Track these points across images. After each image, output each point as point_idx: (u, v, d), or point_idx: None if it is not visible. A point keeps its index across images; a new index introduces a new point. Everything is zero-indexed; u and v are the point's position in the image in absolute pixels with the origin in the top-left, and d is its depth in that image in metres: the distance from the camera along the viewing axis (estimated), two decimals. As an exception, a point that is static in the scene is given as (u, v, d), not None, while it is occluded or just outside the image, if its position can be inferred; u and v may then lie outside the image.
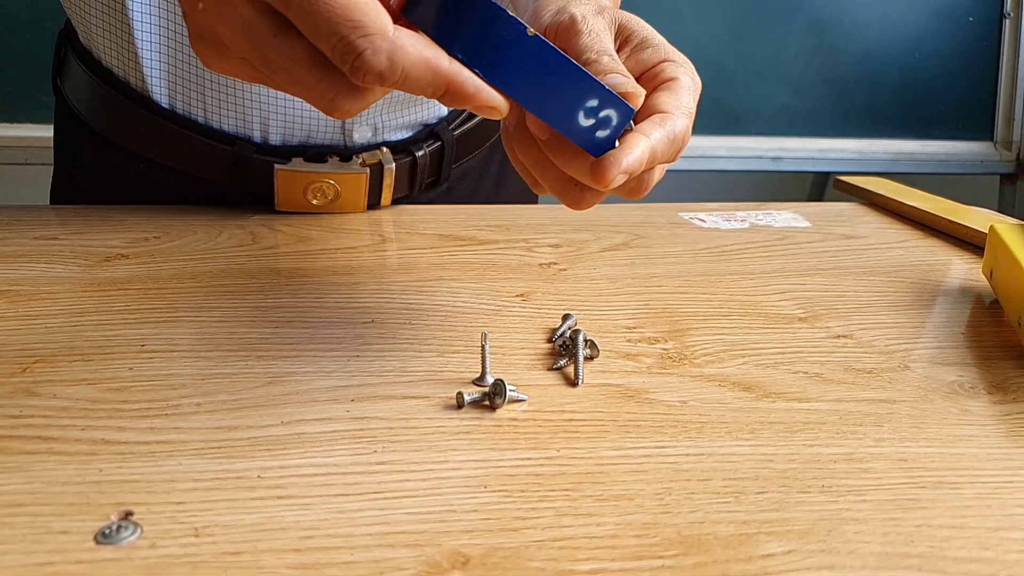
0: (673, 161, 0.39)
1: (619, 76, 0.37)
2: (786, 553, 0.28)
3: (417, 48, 0.31)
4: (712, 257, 0.58)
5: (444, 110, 0.70)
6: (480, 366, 0.39)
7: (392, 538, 0.28)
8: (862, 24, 1.56)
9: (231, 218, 0.62)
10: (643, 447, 0.34)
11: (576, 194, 0.39)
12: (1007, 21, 1.58)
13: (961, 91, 1.60)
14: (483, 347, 0.39)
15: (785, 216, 0.69)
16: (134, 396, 0.36)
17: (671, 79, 0.40)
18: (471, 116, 0.71)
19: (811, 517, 0.30)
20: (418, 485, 0.31)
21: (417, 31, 0.32)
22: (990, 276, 0.52)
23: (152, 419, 0.34)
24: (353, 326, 0.44)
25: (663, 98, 0.39)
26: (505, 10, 0.32)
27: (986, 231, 0.53)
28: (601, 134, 0.35)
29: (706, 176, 1.51)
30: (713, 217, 0.68)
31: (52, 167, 0.73)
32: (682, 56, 0.41)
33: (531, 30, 0.32)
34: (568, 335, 0.43)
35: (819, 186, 1.99)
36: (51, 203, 0.73)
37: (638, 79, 0.41)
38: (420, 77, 0.31)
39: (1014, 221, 0.56)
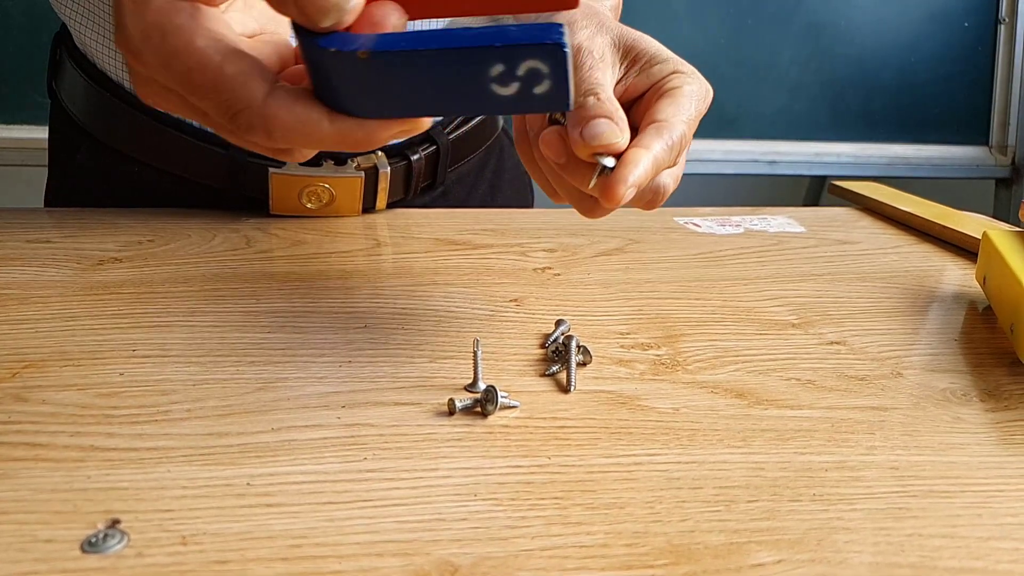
0: (673, 166, 0.40)
1: (600, 122, 0.37)
2: (776, 563, 0.28)
3: (294, 112, 0.30)
4: (706, 262, 0.58)
5: (439, 113, 0.70)
6: (472, 372, 0.39)
7: (381, 547, 0.28)
8: (858, 28, 1.56)
9: (225, 222, 0.62)
10: (634, 455, 0.34)
11: (591, 204, 0.41)
12: (1002, 26, 1.58)
13: (956, 95, 1.60)
14: (475, 353, 0.38)
15: (780, 221, 0.69)
16: (124, 402, 0.36)
17: (673, 88, 0.40)
18: (467, 120, 0.71)
19: (802, 526, 0.30)
20: (408, 493, 0.31)
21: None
22: (983, 282, 0.52)
23: (142, 425, 0.34)
24: (346, 331, 0.44)
25: (662, 106, 0.39)
26: (325, 47, 0.29)
27: (980, 237, 0.53)
28: (541, 89, 0.29)
29: (702, 179, 1.51)
30: (708, 222, 0.68)
31: (47, 169, 0.73)
32: (692, 69, 0.42)
33: (363, 52, 0.29)
34: (561, 341, 0.43)
35: (815, 190, 1.99)
36: (46, 205, 0.73)
37: (644, 94, 0.41)
38: (303, 141, 0.31)
39: (1008, 227, 0.56)
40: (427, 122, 0.33)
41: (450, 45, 0.28)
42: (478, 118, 0.72)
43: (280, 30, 0.36)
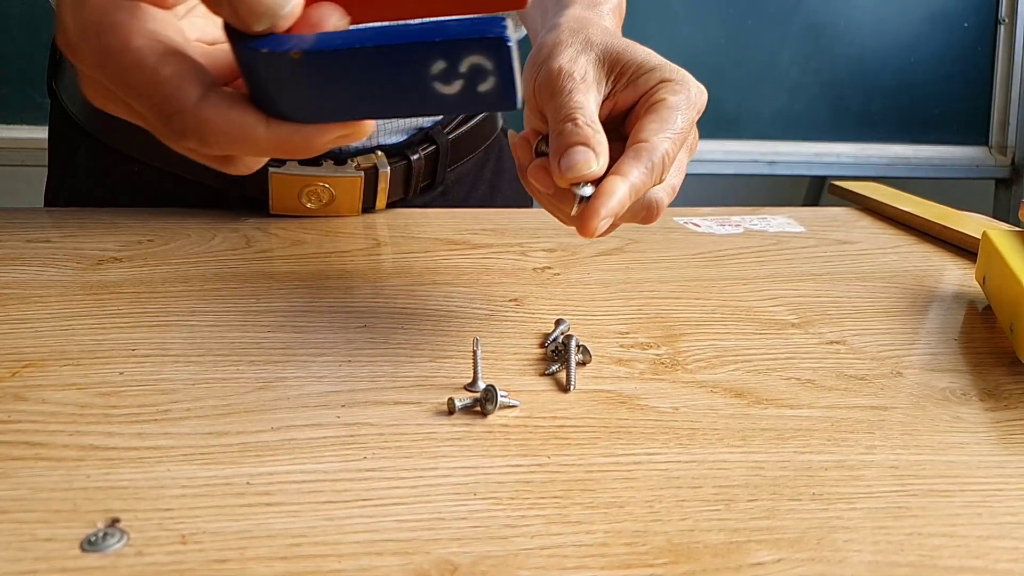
0: (660, 183, 0.39)
1: (575, 152, 0.37)
2: (776, 562, 0.28)
3: (228, 117, 0.29)
4: (706, 262, 0.58)
5: (439, 113, 0.70)
6: (472, 371, 0.39)
7: (380, 546, 0.28)
8: (858, 28, 1.56)
9: (225, 221, 0.62)
10: (634, 454, 0.34)
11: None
12: (1002, 26, 1.58)
13: (956, 96, 1.60)
14: (475, 352, 0.38)
15: (779, 221, 0.69)
16: (124, 401, 0.36)
17: (657, 102, 0.40)
18: (466, 120, 0.71)
19: (801, 525, 0.30)
20: (407, 492, 0.31)
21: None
22: (983, 282, 0.52)
23: (142, 424, 0.34)
24: (345, 331, 0.44)
25: (646, 123, 0.39)
26: (256, 48, 0.28)
27: (979, 237, 0.53)
28: (486, 87, 0.28)
29: (701, 180, 1.51)
30: (708, 222, 0.68)
31: (47, 168, 0.73)
32: (681, 73, 0.41)
33: (295, 53, 0.28)
34: (561, 340, 0.43)
35: (815, 190, 1.99)
36: (45, 205, 0.73)
37: (635, 105, 0.41)
38: (239, 147, 0.30)
39: (1007, 227, 0.56)
40: (370, 126, 0.31)
41: (388, 42, 0.27)
42: (478, 117, 0.72)
43: None
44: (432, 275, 0.53)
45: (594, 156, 0.37)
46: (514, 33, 0.28)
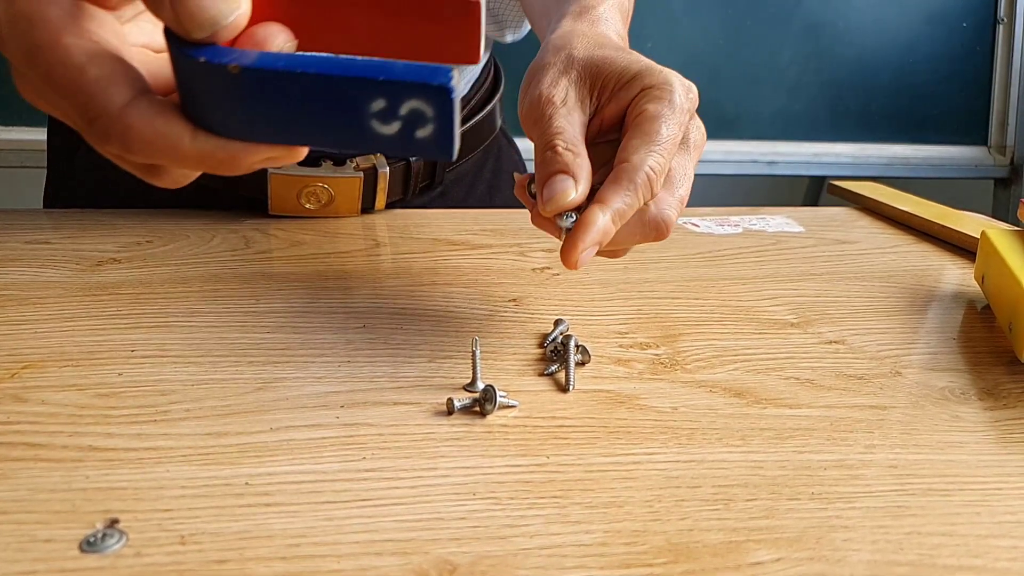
0: (652, 198, 0.38)
1: (554, 182, 0.36)
2: (775, 561, 0.28)
3: (153, 125, 0.28)
4: (705, 262, 0.58)
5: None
6: (471, 372, 0.39)
7: (379, 546, 0.28)
8: (857, 29, 1.56)
9: (224, 222, 0.62)
10: (633, 454, 0.34)
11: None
12: (1001, 26, 1.58)
13: (955, 95, 1.60)
14: (474, 353, 0.38)
15: (779, 221, 0.69)
16: (123, 402, 0.36)
17: (639, 114, 0.38)
18: (466, 119, 0.71)
19: (800, 525, 0.30)
20: (406, 492, 0.31)
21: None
22: (982, 282, 0.52)
23: (141, 425, 0.34)
24: (345, 331, 0.44)
25: (627, 141, 0.38)
26: (194, 56, 0.27)
27: (978, 236, 0.53)
28: (423, 133, 0.28)
29: (700, 180, 1.51)
30: (707, 222, 0.68)
31: (46, 170, 0.73)
32: (663, 76, 0.39)
33: (233, 66, 0.27)
34: (560, 340, 0.43)
35: (814, 190, 1.99)
36: (45, 206, 0.73)
37: (623, 119, 0.40)
38: (162, 156, 0.29)
39: (1006, 227, 0.56)
40: (301, 153, 0.30)
41: (331, 72, 0.27)
42: (478, 116, 0.72)
43: None
44: (431, 275, 0.53)
45: (572, 184, 0.36)
46: (460, 85, 0.28)
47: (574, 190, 0.36)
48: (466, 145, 0.71)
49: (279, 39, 0.30)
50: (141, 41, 0.32)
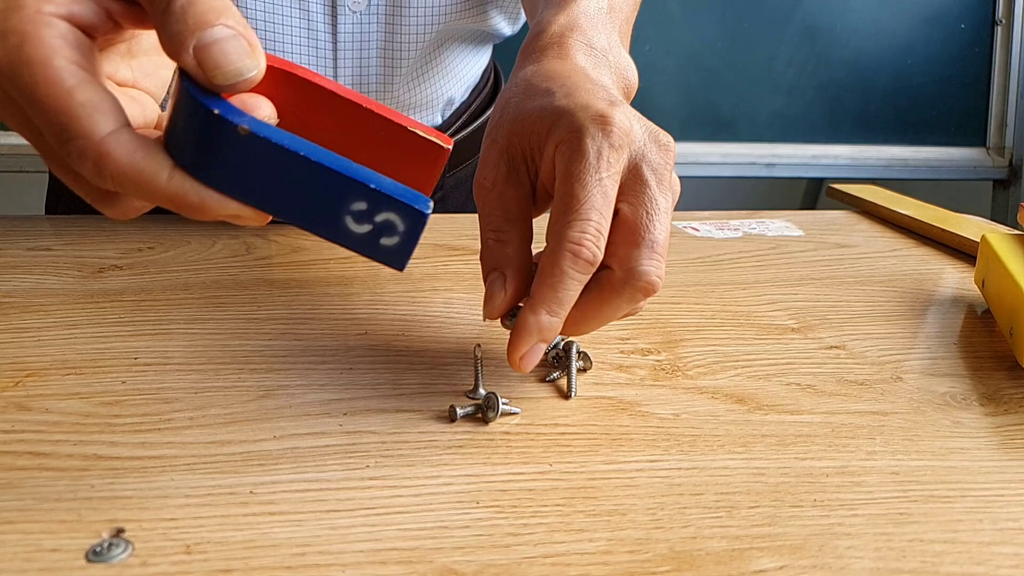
0: (594, 267, 0.34)
1: (488, 285, 0.36)
2: (778, 569, 0.28)
3: (133, 156, 0.28)
4: (705, 266, 0.58)
5: (438, 118, 0.70)
6: (473, 379, 0.39)
7: (384, 555, 0.28)
8: (854, 30, 1.57)
9: (225, 228, 0.62)
10: (635, 461, 0.34)
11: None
12: (999, 27, 1.58)
13: (953, 97, 1.61)
14: (476, 359, 0.39)
15: (778, 225, 0.70)
16: (127, 410, 0.36)
17: (559, 174, 0.35)
18: (466, 124, 0.71)
19: (803, 532, 0.30)
20: (410, 501, 0.31)
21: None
22: (982, 286, 0.52)
23: (145, 434, 0.34)
24: (346, 338, 0.44)
25: (552, 215, 0.35)
26: (209, 106, 0.28)
27: (978, 240, 0.53)
28: (388, 242, 0.30)
29: (699, 183, 1.51)
30: (706, 226, 0.68)
31: (47, 175, 0.73)
32: (573, 120, 0.35)
33: (243, 128, 0.28)
34: (561, 347, 0.43)
35: (812, 192, 1.99)
36: (46, 212, 0.73)
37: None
38: (134, 188, 0.29)
39: (1006, 230, 0.57)
40: (265, 219, 0.31)
41: (328, 163, 0.29)
42: (479, 121, 0.72)
43: (153, 90, 0.35)
44: (432, 281, 0.53)
45: (502, 284, 0.36)
46: (430, 212, 0.30)
47: (503, 290, 0.36)
48: (466, 149, 0.71)
49: (265, 110, 0.31)
50: (107, 71, 0.32)
